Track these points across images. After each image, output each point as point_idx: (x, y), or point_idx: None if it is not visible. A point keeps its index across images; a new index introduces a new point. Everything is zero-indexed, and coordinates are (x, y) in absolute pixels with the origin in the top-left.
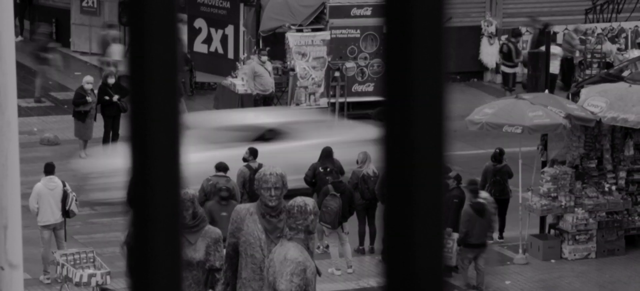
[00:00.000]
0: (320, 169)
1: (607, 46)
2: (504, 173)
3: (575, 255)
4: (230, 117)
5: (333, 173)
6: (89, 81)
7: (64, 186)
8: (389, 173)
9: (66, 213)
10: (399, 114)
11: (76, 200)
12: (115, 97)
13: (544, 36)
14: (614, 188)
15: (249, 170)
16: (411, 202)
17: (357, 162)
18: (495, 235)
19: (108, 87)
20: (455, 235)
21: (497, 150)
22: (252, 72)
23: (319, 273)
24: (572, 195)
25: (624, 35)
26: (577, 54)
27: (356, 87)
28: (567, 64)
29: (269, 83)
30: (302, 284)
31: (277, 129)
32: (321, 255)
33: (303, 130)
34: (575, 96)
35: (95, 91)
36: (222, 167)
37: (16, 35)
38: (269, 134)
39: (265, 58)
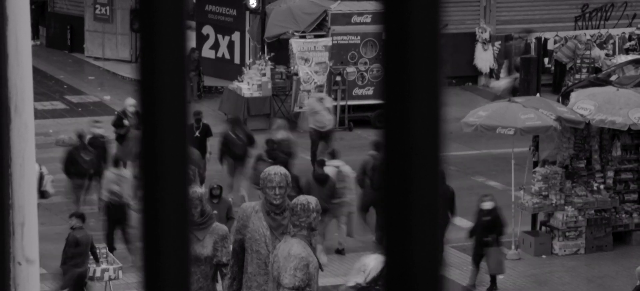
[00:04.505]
0: (232, 135)
1: (596, 52)
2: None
3: (565, 250)
4: None
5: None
6: (131, 104)
7: (39, 168)
8: (388, 173)
9: (41, 194)
10: (397, 117)
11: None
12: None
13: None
14: (602, 187)
15: None
16: (409, 201)
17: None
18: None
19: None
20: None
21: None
22: (310, 110)
23: (321, 268)
24: (562, 194)
25: (611, 41)
26: (572, 61)
27: (356, 91)
28: (560, 68)
29: (325, 120)
30: (305, 278)
31: None
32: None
33: None
34: (565, 99)
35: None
36: None
37: (32, 40)
38: None
39: (323, 95)
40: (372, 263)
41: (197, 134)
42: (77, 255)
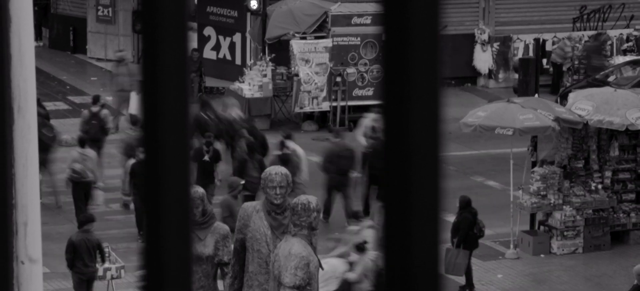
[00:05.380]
0: (204, 116)
1: None
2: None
3: (563, 250)
4: None
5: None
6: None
7: None
8: (388, 172)
9: None
10: (397, 117)
11: None
12: None
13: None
14: (600, 186)
15: None
16: (409, 200)
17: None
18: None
19: None
20: None
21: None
22: (365, 131)
23: (321, 267)
24: (561, 193)
25: (609, 42)
26: (568, 61)
27: (357, 92)
28: (556, 69)
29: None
30: (306, 277)
31: None
32: None
33: None
34: (563, 100)
35: None
36: None
37: (35, 41)
38: None
39: (378, 117)
40: (340, 266)
41: (206, 158)
42: (78, 258)
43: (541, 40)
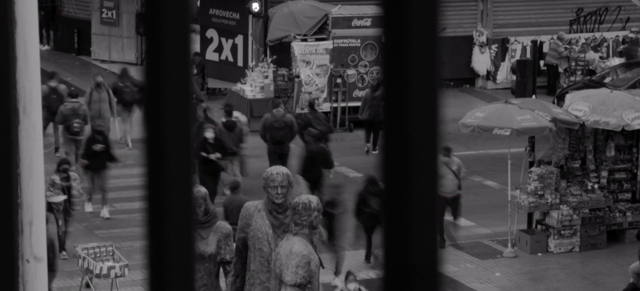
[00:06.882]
0: (120, 84)
1: (590, 55)
2: (379, 100)
3: (560, 248)
4: None
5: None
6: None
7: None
8: (388, 171)
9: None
10: (396, 117)
11: None
12: (214, 156)
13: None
14: (596, 186)
15: None
16: (408, 199)
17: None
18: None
19: (207, 142)
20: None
21: (375, 82)
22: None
23: (322, 265)
24: (558, 193)
25: (605, 44)
26: (564, 61)
27: (357, 93)
28: (552, 71)
29: (448, 185)
30: (307, 276)
31: None
32: None
33: None
34: (560, 101)
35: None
36: None
37: (41, 44)
38: None
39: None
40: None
41: None
42: (55, 256)
43: (538, 42)
